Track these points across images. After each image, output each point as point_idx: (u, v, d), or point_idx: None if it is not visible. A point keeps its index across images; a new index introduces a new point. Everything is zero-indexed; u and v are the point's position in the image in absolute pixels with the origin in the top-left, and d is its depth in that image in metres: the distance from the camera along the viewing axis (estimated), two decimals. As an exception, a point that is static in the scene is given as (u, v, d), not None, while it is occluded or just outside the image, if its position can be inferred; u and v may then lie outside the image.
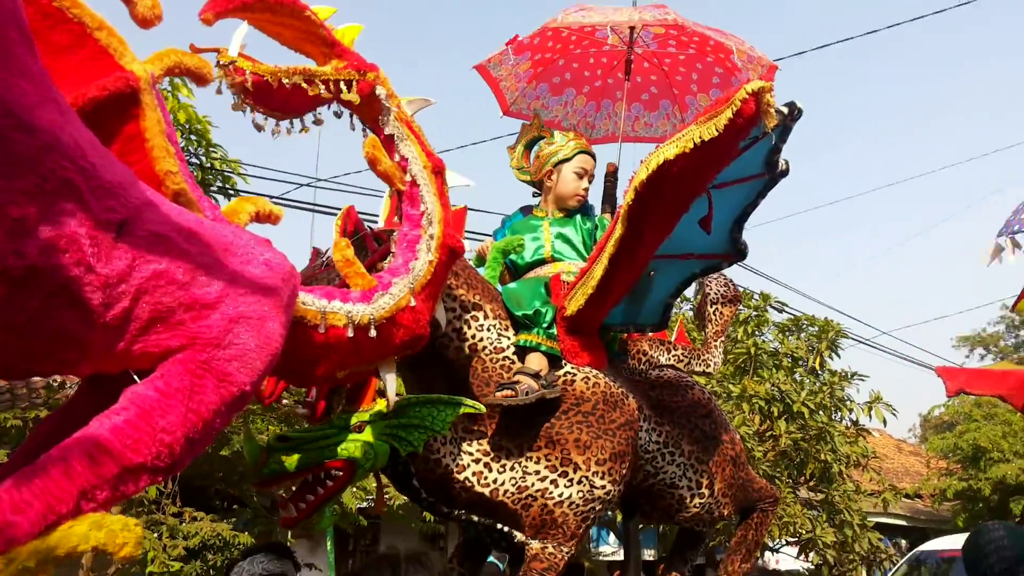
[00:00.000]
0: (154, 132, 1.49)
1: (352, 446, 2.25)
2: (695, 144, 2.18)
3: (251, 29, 1.93)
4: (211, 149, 6.28)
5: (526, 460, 2.52)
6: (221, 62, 1.82)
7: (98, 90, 1.43)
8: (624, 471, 2.61)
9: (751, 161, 2.51)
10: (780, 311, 9.10)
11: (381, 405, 2.33)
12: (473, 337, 2.54)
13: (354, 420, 2.30)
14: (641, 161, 2.35)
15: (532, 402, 2.43)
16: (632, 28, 3.31)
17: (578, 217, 3.07)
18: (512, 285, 2.82)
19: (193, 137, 6.15)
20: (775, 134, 2.38)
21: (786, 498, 7.44)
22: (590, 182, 3.07)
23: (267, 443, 2.20)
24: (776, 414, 7.66)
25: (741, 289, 8.61)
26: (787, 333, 8.85)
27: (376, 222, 2.81)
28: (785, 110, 2.32)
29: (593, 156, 3.10)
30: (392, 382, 2.12)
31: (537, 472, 2.51)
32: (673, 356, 3.16)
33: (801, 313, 9.08)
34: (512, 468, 2.51)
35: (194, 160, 6.24)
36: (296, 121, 2.06)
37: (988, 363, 22.96)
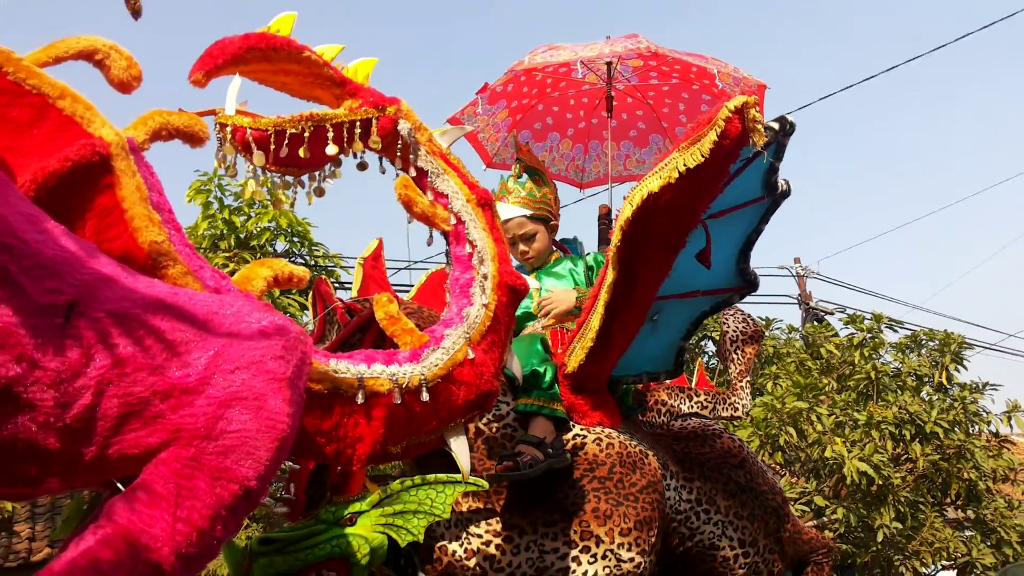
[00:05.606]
0: (132, 201, 1.37)
1: (344, 542, 2.11)
2: (680, 172, 2.07)
3: (255, 86, 1.81)
4: (313, 248, 6.82)
5: (542, 538, 2.36)
6: (218, 123, 1.68)
7: (60, 162, 1.32)
8: (653, 539, 2.43)
9: (747, 184, 2.40)
10: (896, 330, 8.92)
11: (373, 494, 2.18)
12: None
13: (344, 512, 2.15)
14: (624, 198, 2.24)
15: (537, 475, 2.26)
16: (609, 64, 3.26)
17: (563, 263, 2.99)
18: None
19: (296, 239, 6.74)
20: (769, 153, 2.27)
21: (934, 523, 7.26)
22: (528, 241, 2.91)
23: (248, 547, 2.05)
24: (908, 437, 7.48)
25: (852, 312, 8.64)
26: (906, 351, 8.64)
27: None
28: (776, 126, 2.22)
29: (522, 215, 2.88)
30: (464, 452, 1.93)
31: (556, 550, 2.35)
32: (696, 403, 2.99)
33: (919, 328, 8.84)
34: (527, 548, 2.35)
35: (299, 260, 6.77)
36: (318, 173, 1.84)
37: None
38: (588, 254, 3.06)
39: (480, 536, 2.36)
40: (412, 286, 3.30)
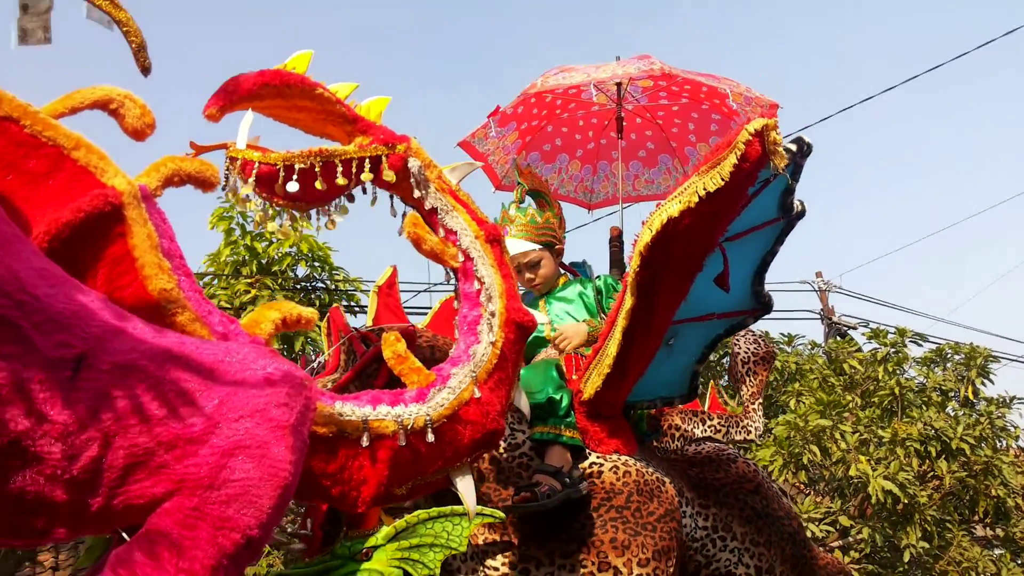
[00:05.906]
0: (143, 249, 1.40)
1: None
2: (700, 197, 2.06)
3: (269, 122, 1.85)
4: (334, 272, 6.89)
5: (559, 569, 2.35)
6: (228, 156, 1.71)
7: (72, 213, 1.34)
8: (671, 569, 2.41)
9: (764, 206, 2.39)
10: (920, 344, 8.83)
11: (388, 528, 2.18)
12: None
13: (360, 547, 2.15)
14: (643, 222, 2.22)
15: (555, 505, 2.24)
16: (619, 85, 3.27)
17: (572, 286, 2.98)
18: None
19: (316, 264, 6.81)
20: (787, 174, 2.25)
21: (962, 542, 7.15)
22: (534, 268, 2.90)
23: None
24: (934, 454, 7.34)
25: (875, 326, 8.61)
26: (931, 366, 8.54)
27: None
28: (794, 147, 2.20)
29: (526, 249, 2.87)
30: (470, 492, 1.93)
31: None
32: (709, 427, 2.97)
33: (944, 341, 8.76)
34: None
35: (320, 284, 6.90)
36: (330, 207, 1.85)
37: None
38: (598, 277, 3.04)
39: (497, 569, 2.34)
40: (431, 308, 3.32)
